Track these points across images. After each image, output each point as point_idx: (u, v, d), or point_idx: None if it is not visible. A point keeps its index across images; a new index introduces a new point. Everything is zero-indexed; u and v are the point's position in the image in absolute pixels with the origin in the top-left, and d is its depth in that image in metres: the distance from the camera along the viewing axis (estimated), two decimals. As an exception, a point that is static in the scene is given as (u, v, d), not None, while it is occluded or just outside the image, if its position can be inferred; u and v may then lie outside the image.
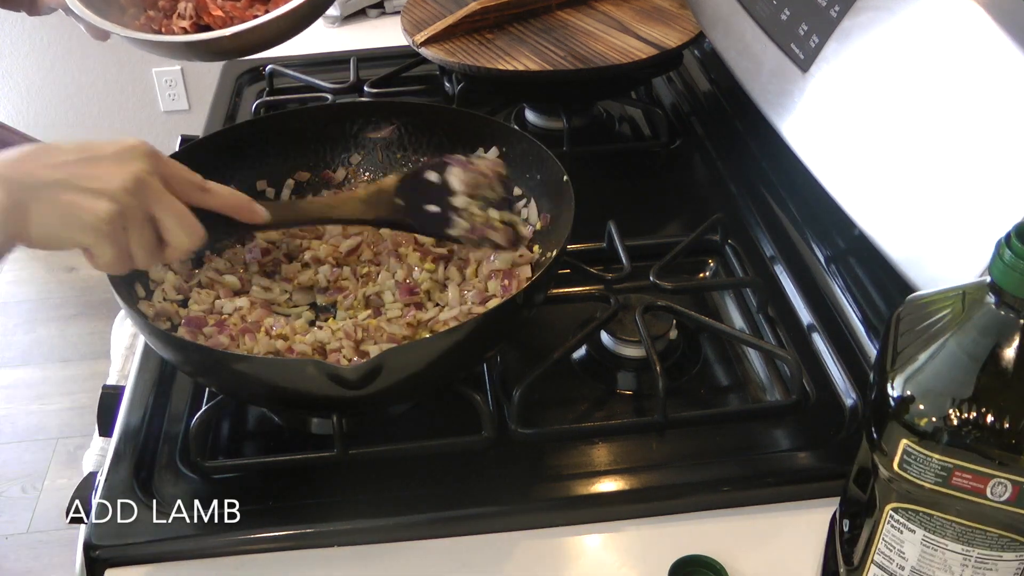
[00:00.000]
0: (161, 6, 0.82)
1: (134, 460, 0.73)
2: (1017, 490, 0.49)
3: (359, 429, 0.76)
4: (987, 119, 0.69)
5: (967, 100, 0.71)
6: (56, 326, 2.42)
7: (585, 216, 0.78)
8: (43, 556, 1.85)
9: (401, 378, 0.68)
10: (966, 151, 0.70)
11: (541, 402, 0.78)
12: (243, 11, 0.80)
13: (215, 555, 0.67)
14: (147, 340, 0.76)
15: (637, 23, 1.18)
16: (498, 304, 0.72)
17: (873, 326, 0.82)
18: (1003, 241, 0.48)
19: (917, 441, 0.50)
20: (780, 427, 0.76)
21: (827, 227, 0.93)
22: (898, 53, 0.79)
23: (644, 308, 0.82)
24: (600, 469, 0.73)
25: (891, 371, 0.52)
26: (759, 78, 1.00)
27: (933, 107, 0.74)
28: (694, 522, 0.69)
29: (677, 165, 1.15)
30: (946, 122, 0.72)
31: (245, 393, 0.74)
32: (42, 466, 2.04)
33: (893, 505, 0.54)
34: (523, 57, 1.11)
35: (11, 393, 2.24)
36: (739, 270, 0.92)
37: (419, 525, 0.69)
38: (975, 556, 0.52)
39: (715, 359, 0.85)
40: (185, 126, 2.66)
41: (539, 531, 0.69)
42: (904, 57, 0.78)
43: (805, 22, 0.91)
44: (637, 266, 0.87)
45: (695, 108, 1.25)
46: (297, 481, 0.72)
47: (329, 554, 0.67)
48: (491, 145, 0.91)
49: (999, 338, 0.49)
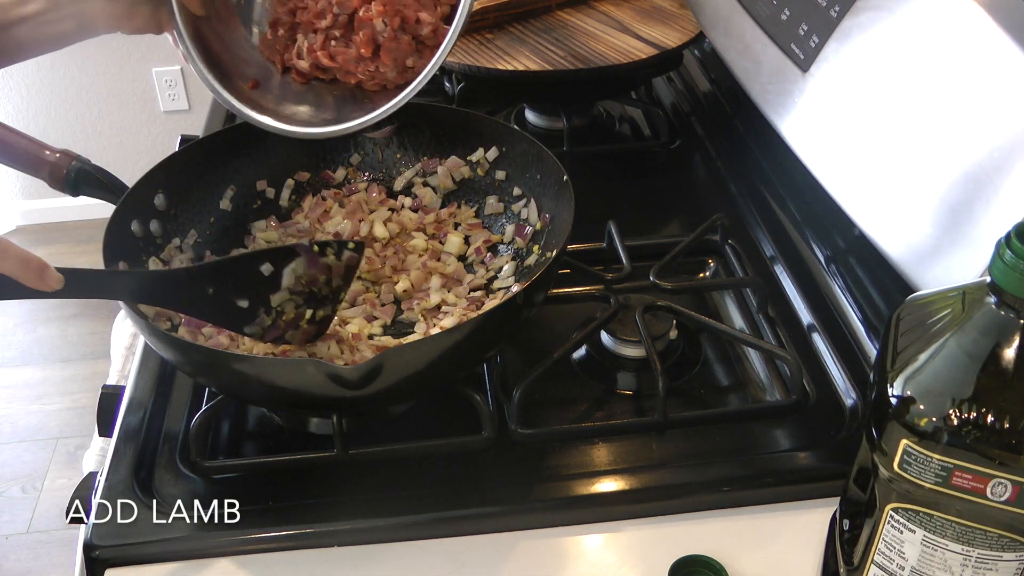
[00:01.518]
0: (280, 35, 0.81)
1: (134, 460, 0.72)
2: (1017, 490, 0.49)
3: (359, 429, 0.76)
4: (987, 119, 0.69)
5: (967, 100, 0.71)
6: (56, 326, 2.42)
7: (585, 216, 0.78)
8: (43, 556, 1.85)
9: (401, 378, 0.68)
10: (966, 151, 0.70)
11: (541, 402, 0.78)
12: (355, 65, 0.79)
13: (215, 555, 0.67)
14: (147, 340, 0.76)
15: (637, 23, 1.18)
16: (498, 304, 0.72)
17: (873, 326, 0.82)
18: (1003, 241, 0.48)
19: (917, 441, 0.50)
20: (780, 427, 0.76)
21: (827, 227, 0.93)
22: (898, 53, 0.79)
23: (644, 308, 0.82)
24: (600, 469, 0.73)
25: (891, 371, 0.52)
26: (759, 78, 1.00)
27: (933, 107, 0.74)
28: (694, 522, 0.69)
29: (677, 165, 1.15)
30: (946, 122, 0.72)
31: (245, 393, 0.74)
32: (42, 466, 2.04)
33: (893, 505, 0.54)
34: (523, 57, 1.11)
35: (11, 393, 2.24)
36: (739, 270, 0.92)
37: (419, 525, 0.69)
38: (975, 556, 0.52)
39: (715, 359, 0.85)
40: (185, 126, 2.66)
41: (539, 531, 0.69)
42: (904, 57, 0.78)
43: (805, 22, 0.91)
44: (637, 266, 0.87)
45: (695, 108, 1.25)
46: (297, 481, 0.72)
47: (329, 554, 0.67)
48: (491, 145, 0.91)
49: (999, 338, 0.49)
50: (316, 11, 0.79)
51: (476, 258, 0.88)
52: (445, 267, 0.86)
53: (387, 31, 0.75)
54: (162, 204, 0.84)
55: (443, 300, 0.83)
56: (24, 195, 2.77)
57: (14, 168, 0.78)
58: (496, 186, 0.91)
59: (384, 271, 0.86)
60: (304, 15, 0.80)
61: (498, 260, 0.87)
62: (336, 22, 0.78)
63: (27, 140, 0.78)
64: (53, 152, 0.78)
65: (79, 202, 1.16)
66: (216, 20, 0.82)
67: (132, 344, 1.05)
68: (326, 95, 0.81)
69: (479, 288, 0.85)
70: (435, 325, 0.80)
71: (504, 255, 0.88)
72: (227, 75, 0.81)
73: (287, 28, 0.81)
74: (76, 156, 0.79)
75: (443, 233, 0.91)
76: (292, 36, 0.81)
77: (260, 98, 0.82)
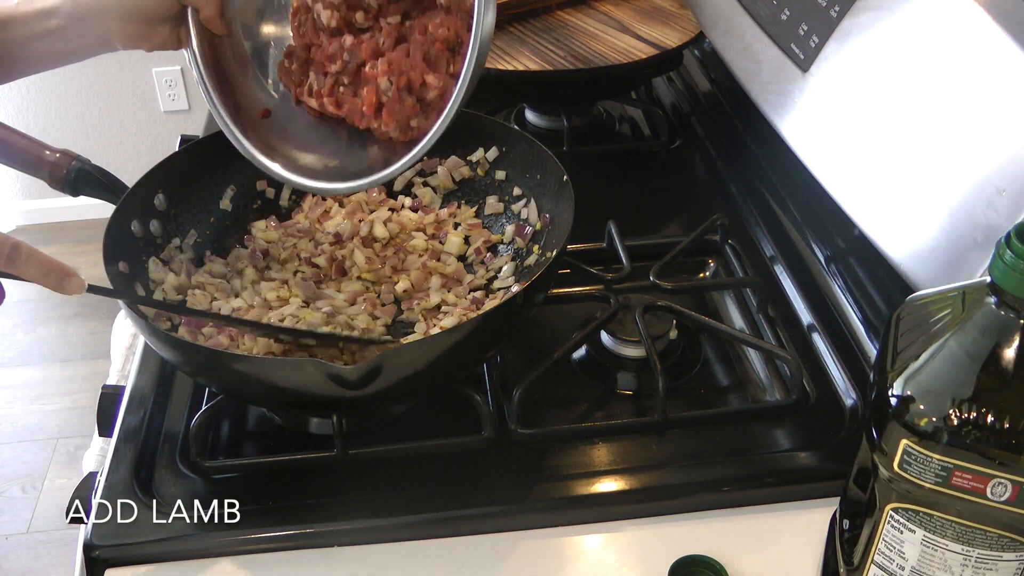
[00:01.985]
0: (294, 68, 0.81)
1: (134, 460, 0.73)
2: (1017, 490, 0.49)
3: (359, 429, 0.76)
4: (987, 119, 0.69)
5: (967, 100, 0.71)
6: (56, 326, 2.42)
7: (585, 216, 0.78)
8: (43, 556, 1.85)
9: (401, 378, 0.68)
10: (966, 151, 0.70)
11: (541, 402, 0.78)
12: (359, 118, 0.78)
13: (215, 555, 0.67)
14: (147, 340, 0.76)
15: (637, 23, 1.18)
16: (498, 304, 0.72)
17: (873, 326, 0.82)
18: (1003, 241, 0.48)
19: (917, 441, 0.50)
20: (780, 427, 0.76)
21: (827, 227, 0.93)
22: (898, 53, 0.79)
23: (644, 308, 0.82)
24: (600, 469, 0.73)
25: (891, 371, 0.52)
26: (759, 78, 1.00)
27: (933, 107, 0.74)
28: (694, 522, 0.69)
29: (677, 165, 1.15)
30: (946, 122, 0.72)
31: (245, 393, 0.74)
32: (42, 466, 2.04)
33: (893, 505, 0.54)
34: (523, 57, 1.11)
35: (11, 393, 2.24)
36: (739, 270, 0.92)
37: (419, 525, 0.69)
38: (975, 556, 0.52)
39: (715, 359, 0.85)
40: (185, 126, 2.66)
41: (539, 531, 0.69)
42: (904, 57, 0.78)
43: (805, 22, 0.91)
44: (637, 266, 0.87)
45: (695, 108, 1.25)
46: (297, 481, 0.72)
47: (329, 554, 0.67)
48: (491, 145, 0.91)
49: (999, 338, 0.49)
50: (328, 53, 0.78)
51: (476, 258, 0.88)
52: (445, 267, 0.86)
53: (391, 90, 0.74)
54: (162, 204, 0.84)
55: (443, 300, 0.83)
56: (24, 195, 2.78)
57: (14, 168, 0.78)
58: (496, 186, 0.91)
59: (384, 271, 0.86)
60: (317, 53, 0.79)
61: (498, 260, 0.87)
62: (345, 68, 0.77)
63: (27, 140, 0.78)
64: (53, 152, 0.78)
65: (79, 202, 1.16)
66: (232, 42, 0.81)
67: (132, 344, 1.05)
68: (339, 128, 0.80)
69: (479, 288, 0.85)
70: (435, 325, 0.80)
71: (504, 255, 0.88)
72: (239, 103, 0.81)
73: (301, 63, 0.80)
74: (76, 156, 0.79)
75: (443, 233, 0.91)
76: (305, 71, 0.80)
77: (270, 128, 0.81)
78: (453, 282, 0.86)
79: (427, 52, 0.73)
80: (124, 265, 0.77)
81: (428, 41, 0.73)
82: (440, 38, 0.73)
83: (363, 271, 0.85)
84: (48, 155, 0.78)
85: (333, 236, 0.89)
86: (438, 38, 0.73)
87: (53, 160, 0.78)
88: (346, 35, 0.76)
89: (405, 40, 0.75)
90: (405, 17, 0.75)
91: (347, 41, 0.76)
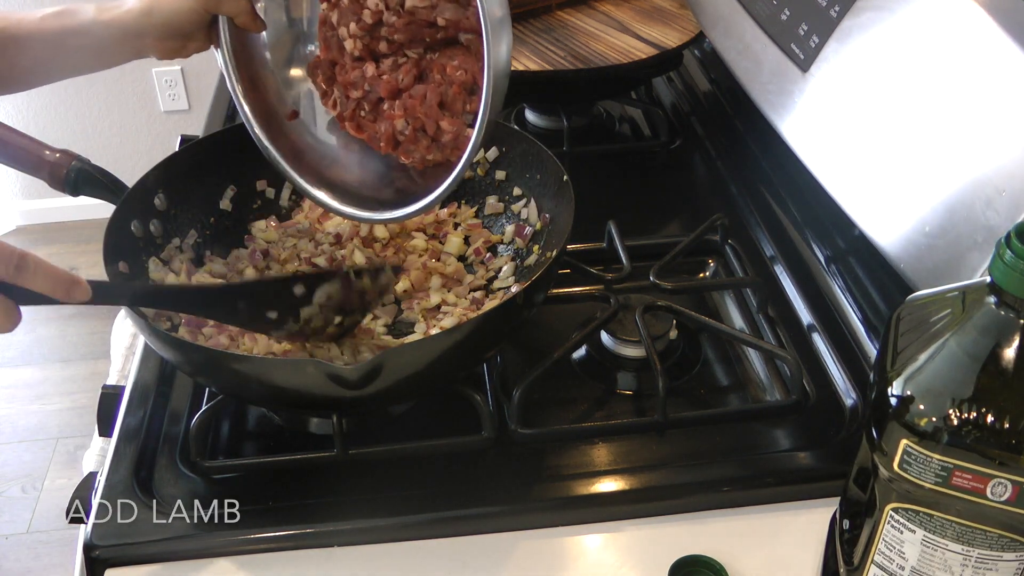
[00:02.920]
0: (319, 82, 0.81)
1: (134, 460, 0.72)
2: (1017, 490, 0.49)
3: (359, 429, 0.76)
4: (987, 119, 0.69)
5: (967, 100, 0.71)
6: (56, 326, 2.42)
7: (585, 216, 0.78)
8: (43, 556, 1.85)
9: (401, 378, 0.68)
10: (966, 151, 0.70)
11: (541, 402, 0.78)
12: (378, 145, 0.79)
13: (215, 555, 0.67)
14: (147, 340, 0.76)
15: (637, 23, 1.18)
16: (498, 304, 0.72)
17: (873, 326, 0.82)
18: (1003, 241, 0.48)
19: (917, 441, 0.50)
20: (780, 427, 0.76)
21: (827, 227, 0.93)
22: (898, 53, 0.79)
23: (644, 308, 0.82)
24: (600, 469, 0.73)
25: (891, 371, 0.52)
26: (759, 78, 1.00)
27: (933, 107, 0.74)
28: (694, 522, 0.69)
29: (677, 165, 1.15)
30: (946, 122, 0.72)
31: (245, 393, 0.74)
32: (42, 466, 2.04)
33: (893, 505, 0.54)
34: (523, 57, 1.11)
35: (11, 393, 2.24)
36: (739, 270, 0.92)
37: (419, 525, 0.69)
38: (975, 556, 0.52)
39: (715, 359, 0.85)
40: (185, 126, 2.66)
41: (539, 531, 0.69)
42: (904, 57, 0.78)
43: (805, 22, 0.91)
44: (637, 266, 0.87)
45: (695, 108, 1.25)
46: (297, 481, 0.72)
47: (329, 554, 0.67)
48: (491, 145, 0.91)
49: (999, 338, 0.49)
50: (350, 79, 0.78)
51: (476, 258, 0.88)
52: (445, 267, 0.86)
53: (408, 130, 0.75)
54: (162, 204, 0.84)
55: (443, 300, 0.83)
56: (24, 195, 2.77)
57: (14, 168, 0.78)
58: (496, 186, 0.91)
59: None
60: (342, 74, 0.79)
61: (498, 260, 0.87)
62: (367, 96, 0.78)
63: (27, 140, 0.78)
64: (53, 152, 0.78)
65: (79, 202, 1.16)
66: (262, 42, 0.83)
67: (132, 344, 1.05)
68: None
69: (479, 288, 0.85)
70: (435, 325, 0.80)
71: (504, 255, 0.88)
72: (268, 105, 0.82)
73: (326, 77, 0.81)
74: (76, 156, 0.79)
75: (443, 233, 0.91)
76: (330, 84, 0.81)
77: (298, 129, 0.83)
78: (453, 282, 0.86)
79: (444, 94, 0.74)
80: (124, 265, 0.77)
81: (445, 83, 0.74)
82: (457, 81, 0.74)
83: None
84: (48, 155, 0.78)
85: (333, 236, 0.89)
86: (455, 81, 0.74)
87: (53, 160, 0.78)
88: (368, 64, 0.77)
89: (425, 76, 0.75)
90: (427, 49, 0.76)
91: (368, 71, 0.77)
